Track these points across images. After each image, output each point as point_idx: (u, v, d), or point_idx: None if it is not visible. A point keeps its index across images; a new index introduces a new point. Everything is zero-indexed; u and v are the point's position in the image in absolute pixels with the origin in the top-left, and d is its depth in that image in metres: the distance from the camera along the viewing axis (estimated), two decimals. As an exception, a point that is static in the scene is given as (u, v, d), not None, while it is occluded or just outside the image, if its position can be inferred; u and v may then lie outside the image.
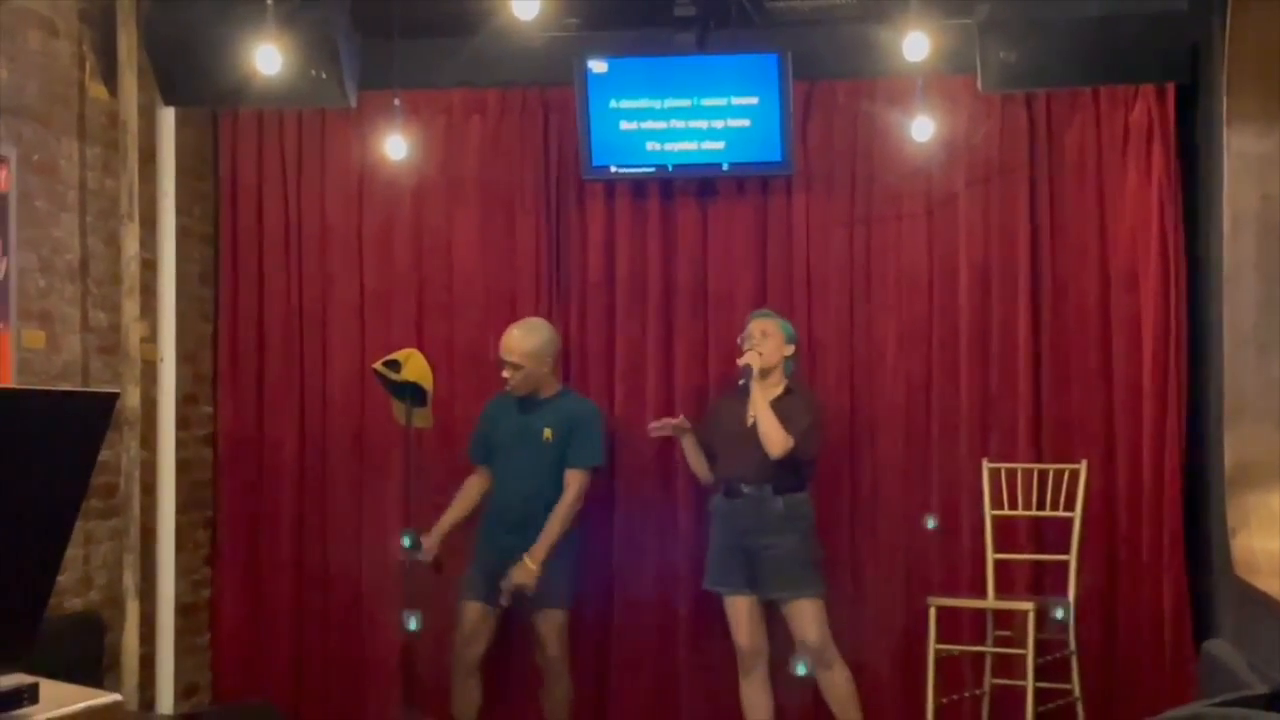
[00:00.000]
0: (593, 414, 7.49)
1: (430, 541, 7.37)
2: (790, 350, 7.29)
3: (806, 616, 7.13)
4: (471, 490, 7.55)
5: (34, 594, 2.92)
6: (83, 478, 2.97)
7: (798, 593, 7.13)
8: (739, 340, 7.30)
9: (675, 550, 7.78)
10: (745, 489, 7.16)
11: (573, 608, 7.43)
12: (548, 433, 7.33)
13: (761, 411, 7.09)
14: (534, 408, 7.39)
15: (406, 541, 7.23)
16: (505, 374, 7.32)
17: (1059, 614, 7.10)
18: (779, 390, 7.21)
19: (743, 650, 7.24)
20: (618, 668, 7.82)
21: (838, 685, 7.20)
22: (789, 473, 7.14)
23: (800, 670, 7.17)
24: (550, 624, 7.33)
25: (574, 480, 7.34)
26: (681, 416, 7.43)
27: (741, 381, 7.14)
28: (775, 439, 7.04)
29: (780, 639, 7.29)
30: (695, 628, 7.75)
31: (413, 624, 7.12)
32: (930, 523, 7.50)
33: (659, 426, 7.39)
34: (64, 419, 2.85)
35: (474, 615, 7.37)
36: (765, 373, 7.19)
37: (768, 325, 7.26)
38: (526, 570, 7.18)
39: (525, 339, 7.30)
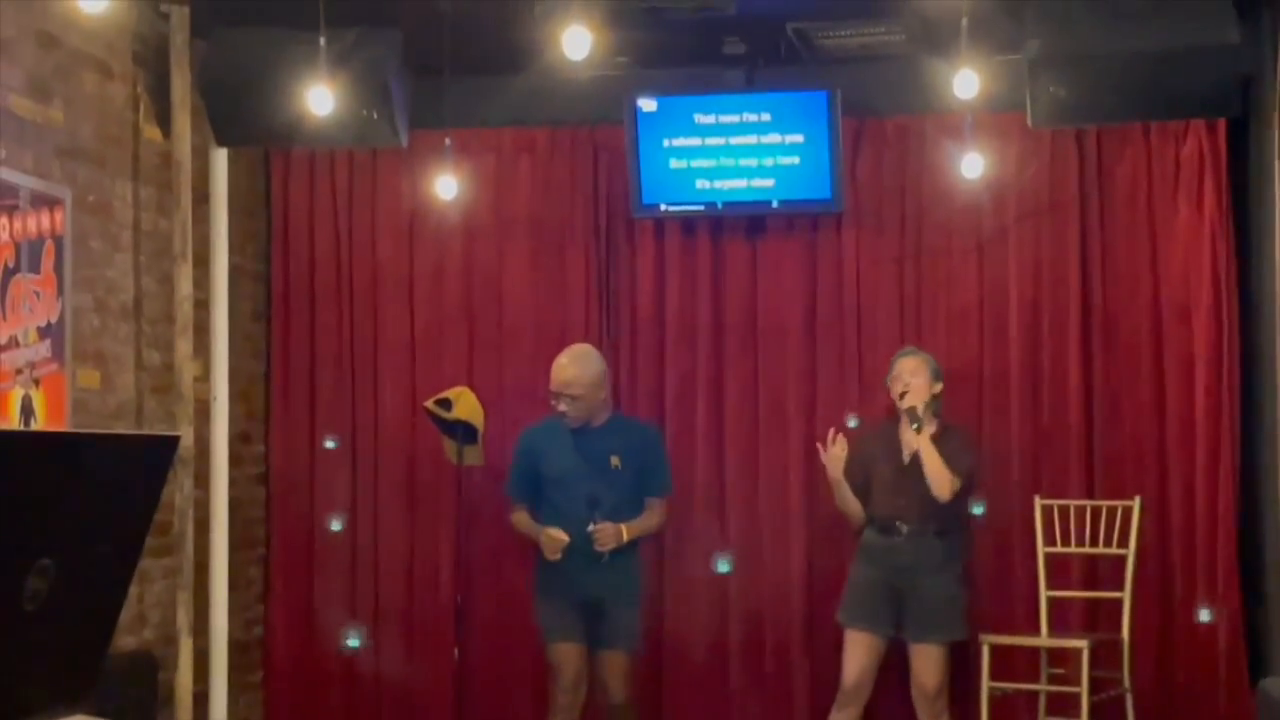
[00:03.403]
0: (660, 439, 7.43)
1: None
2: (938, 388, 7.14)
3: (935, 661, 7.02)
4: (532, 526, 7.18)
5: (96, 636, 2.94)
6: (145, 521, 2.99)
7: (938, 636, 7.03)
8: (886, 381, 7.21)
9: (727, 580, 7.77)
10: (904, 528, 7.07)
11: (636, 652, 7.23)
12: (615, 460, 7.10)
13: (928, 453, 6.98)
14: (592, 435, 7.14)
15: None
16: (563, 407, 7.04)
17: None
18: (933, 429, 7.08)
19: (847, 687, 7.11)
20: (673, 706, 7.79)
21: None
22: (949, 513, 7.05)
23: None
24: (616, 666, 7.11)
25: (659, 507, 7.19)
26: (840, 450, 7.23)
27: (915, 426, 6.98)
28: (943, 481, 6.95)
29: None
30: (751, 661, 7.73)
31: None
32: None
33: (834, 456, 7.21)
34: (127, 462, 2.87)
35: (574, 657, 7.06)
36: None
37: (914, 364, 7.14)
38: (619, 534, 6.96)
39: (582, 369, 7.05)
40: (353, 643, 7.38)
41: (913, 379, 7.08)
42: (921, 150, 7.71)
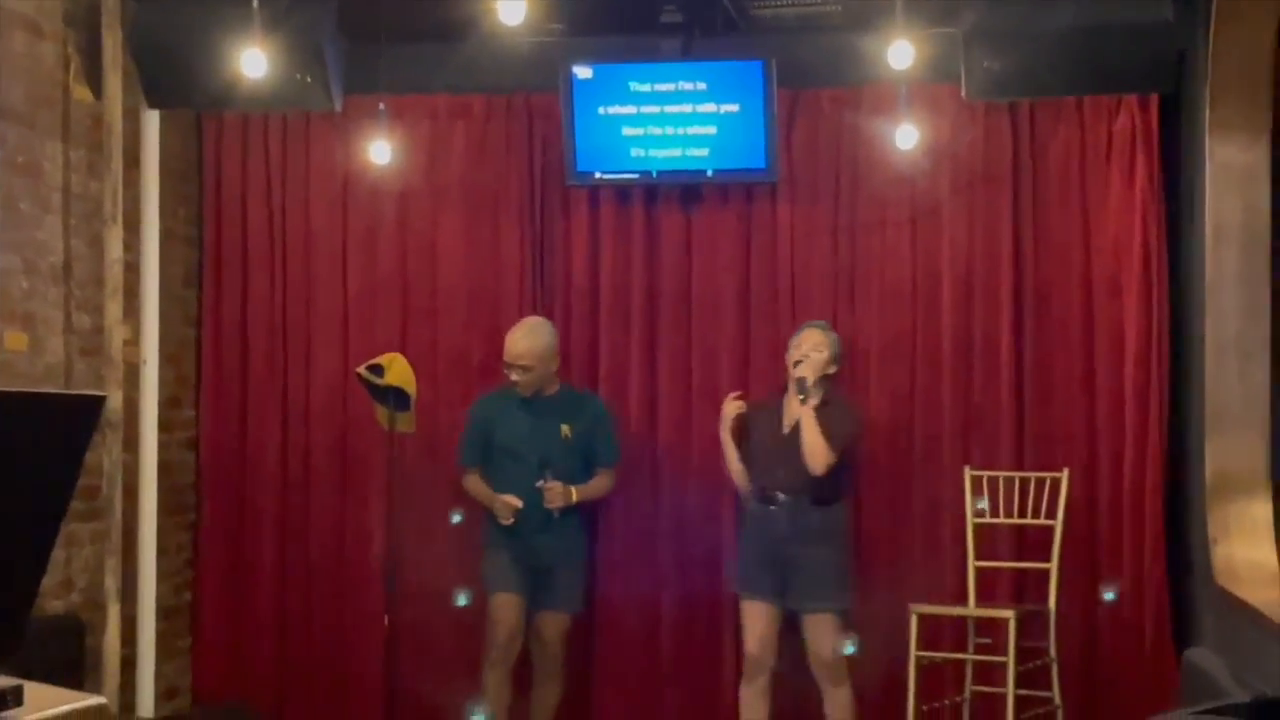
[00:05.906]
0: (608, 411, 7.53)
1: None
2: (832, 370, 7.14)
3: (826, 630, 7.05)
4: (485, 492, 7.35)
5: (19, 597, 2.92)
6: (69, 481, 2.97)
7: (823, 605, 7.05)
8: (789, 346, 7.22)
9: (659, 551, 7.79)
10: (781, 498, 7.10)
11: (578, 613, 7.44)
12: (566, 429, 7.29)
13: (808, 425, 6.98)
14: (543, 405, 7.32)
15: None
16: (515, 377, 7.22)
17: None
18: (816, 401, 7.05)
19: (751, 656, 7.15)
20: (603, 671, 7.81)
21: (842, 705, 7.12)
22: (826, 484, 7.06)
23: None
24: (557, 626, 7.33)
25: (608, 477, 7.42)
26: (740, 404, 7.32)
27: (801, 396, 7.00)
28: (818, 454, 6.95)
29: (791, 651, 7.25)
30: (681, 630, 7.75)
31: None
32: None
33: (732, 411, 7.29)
34: (50, 421, 2.85)
35: (513, 609, 7.20)
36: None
37: (820, 338, 7.16)
38: (568, 494, 7.18)
39: (534, 340, 7.23)
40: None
41: (812, 351, 7.11)
42: (856, 121, 7.71)
